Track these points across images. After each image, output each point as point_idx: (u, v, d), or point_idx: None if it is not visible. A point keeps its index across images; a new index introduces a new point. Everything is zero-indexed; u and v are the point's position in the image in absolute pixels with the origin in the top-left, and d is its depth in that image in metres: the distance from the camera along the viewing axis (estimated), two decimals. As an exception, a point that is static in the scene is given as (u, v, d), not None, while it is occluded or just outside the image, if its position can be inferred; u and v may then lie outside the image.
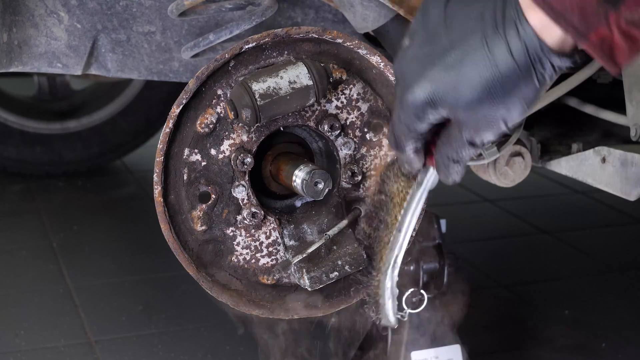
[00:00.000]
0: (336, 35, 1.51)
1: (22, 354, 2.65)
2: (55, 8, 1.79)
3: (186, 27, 1.86)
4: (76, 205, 3.95)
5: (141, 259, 3.34)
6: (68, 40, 1.81)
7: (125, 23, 1.82)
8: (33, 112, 4.25)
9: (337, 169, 1.55)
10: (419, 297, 2.05)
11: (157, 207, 1.49)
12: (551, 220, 3.73)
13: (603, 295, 3.09)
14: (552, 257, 3.43)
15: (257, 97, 1.42)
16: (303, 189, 1.47)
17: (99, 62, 1.85)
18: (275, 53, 1.51)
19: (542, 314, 2.92)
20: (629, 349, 2.72)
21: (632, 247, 3.53)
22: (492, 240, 3.56)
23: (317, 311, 1.58)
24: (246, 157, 1.49)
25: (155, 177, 1.48)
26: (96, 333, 2.77)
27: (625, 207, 3.79)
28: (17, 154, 4.16)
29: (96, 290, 3.08)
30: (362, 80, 1.54)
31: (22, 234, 3.62)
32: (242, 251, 1.53)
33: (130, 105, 4.24)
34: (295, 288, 1.57)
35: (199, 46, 1.73)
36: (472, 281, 2.33)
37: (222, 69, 1.48)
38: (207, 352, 2.66)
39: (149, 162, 1.74)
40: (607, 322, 2.87)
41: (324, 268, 1.47)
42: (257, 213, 1.51)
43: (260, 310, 1.55)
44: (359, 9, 1.73)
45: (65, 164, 4.23)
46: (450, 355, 2.09)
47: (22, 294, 3.06)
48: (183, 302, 2.95)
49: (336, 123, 1.52)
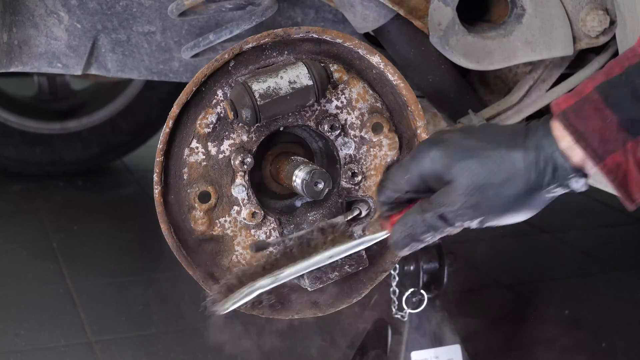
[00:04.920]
0: (336, 35, 1.50)
1: (22, 354, 2.65)
2: (55, 8, 1.79)
3: (186, 27, 1.86)
4: (76, 205, 3.95)
5: (141, 259, 3.34)
6: (68, 40, 1.81)
7: (125, 23, 1.82)
8: (33, 112, 4.25)
9: (337, 169, 1.55)
10: (419, 297, 2.05)
11: (157, 207, 1.49)
12: (551, 220, 3.73)
13: (603, 295, 3.08)
14: (552, 257, 3.43)
15: (257, 97, 1.42)
16: (303, 189, 1.47)
17: (99, 62, 1.85)
18: (275, 53, 1.51)
19: (542, 314, 2.91)
20: (629, 349, 2.72)
21: (632, 247, 3.52)
22: (492, 240, 3.56)
23: (317, 311, 1.58)
24: (246, 157, 1.49)
25: (155, 177, 1.47)
26: (96, 333, 2.77)
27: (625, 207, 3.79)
28: (17, 154, 4.16)
29: (96, 290, 3.08)
30: (362, 80, 1.54)
31: (22, 234, 3.62)
32: (242, 251, 1.53)
33: (130, 105, 4.24)
34: (295, 288, 1.57)
35: (199, 46, 1.73)
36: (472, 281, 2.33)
37: (222, 69, 1.48)
38: (208, 352, 2.66)
39: (149, 162, 1.74)
40: (607, 322, 2.86)
41: (324, 268, 1.47)
42: (257, 213, 1.51)
43: (261, 310, 1.55)
44: (359, 9, 1.73)
45: (65, 164, 4.22)
46: (450, 355, 2.09)
47: (22, 294, 3.06)
48: (183, 302, 2.95)
49: (336, 123, 1.52)
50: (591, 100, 1.17)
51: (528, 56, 1.78)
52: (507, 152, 1.20)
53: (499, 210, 1.22)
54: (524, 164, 1.19)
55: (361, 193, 1.56)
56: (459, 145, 1.24)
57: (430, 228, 1.26)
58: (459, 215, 1.23)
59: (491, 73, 2.00)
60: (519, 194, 1.20)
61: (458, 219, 1.24)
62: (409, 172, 1.28)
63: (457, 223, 1.24)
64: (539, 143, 1.19)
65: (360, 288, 1.60)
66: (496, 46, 1.76)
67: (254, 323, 2.03)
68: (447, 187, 1.23)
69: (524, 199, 1.21)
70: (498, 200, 1.21)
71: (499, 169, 1.20)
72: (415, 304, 2.05)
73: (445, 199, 1.23)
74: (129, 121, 4.25)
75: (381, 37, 1.81)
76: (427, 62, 1.81)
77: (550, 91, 1.88)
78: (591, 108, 1.16)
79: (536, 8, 1.75)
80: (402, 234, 1.28)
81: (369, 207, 1.55)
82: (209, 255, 1.53)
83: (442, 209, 1.23)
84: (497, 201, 1.21)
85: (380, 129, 1.55)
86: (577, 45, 1.79)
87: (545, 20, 1.76)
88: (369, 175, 1.56)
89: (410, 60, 1.80)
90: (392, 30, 1.78)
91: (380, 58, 1.53)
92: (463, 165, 1.22)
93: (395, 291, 2.06)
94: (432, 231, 1.26)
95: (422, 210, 1.26)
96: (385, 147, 1.56)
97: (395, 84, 1.55)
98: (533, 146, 1.19)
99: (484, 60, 1.76)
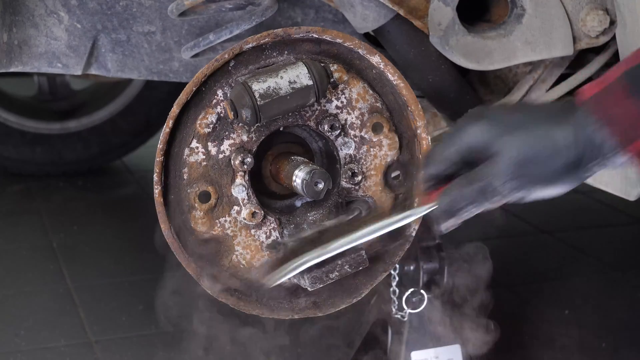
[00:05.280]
0: (336, 35, 1.51)
1: (22, 354, 2.65)
2: (55, 8, 1.79)
3: (186, 27, 1.86)
4: (76, 205, 3.94)
5: (141, 259, 3.34)
6: (68, 40, 1.81)
7: (125, 23, 1.82)
8: (33, 112, 4.25)
9: (337, 169, 1.55)
10: (419, 297, 2.05)
11: (157, 207, 1.49)
12: (551, 220, 3.73)
13: (603, 295, 3.08)
14: (552, 257, 3.43)
15: (257, 97, 1.42)
16: (303, 189, 1.47)
17: (99, 62, 1.85)
18: (275, 53, 1.51)
19: (542, 314, 2.91)
20: (629, 349, 2.72)
21: (632, 247, 3.52)
22: (492, 240, 3.56)
23: (317, 311, 1.58)
24: (246, 157, 1.49)
25: (155, 177, 1.48)
26: (96, 333, 2.77)
27: (625, 207, 3.79)
28: (17, 154, 4.16)
29: (96, 290, 3.08)
30: (362, 80, 1.54)
31: (22, 234, 3.62)
32: (242, 251, 1.53)
33: (130, 105, 4.23)
34: (295, 288, 1.57)
35: (199, 46, 1.73)
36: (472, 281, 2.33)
37: (222, 69, 1.48)
38: (208, 352, 2.65)
39: (149, 162, 1.74)
40: (607, 322, 2.86)
41: (324, 268, 1.47)
42: (257, 213, 1.51)
43: (261, 310, 1.55)
44: (359, 9, 1.73)
45: (65, 164, 4.22)
46: (450, 355, 2.09)
47: (22, 294, 3.06)
48: (183, 302, 2.95)
49: (336, 123, 1.52)
50: (619, 86, 1.21)
51: (528, 56, 1.78)
52: (550, 128, 1.24)
53: (542, 183, 1.26)
54: (565, 141, 1.23)
55: (361, 193, 1.56)
56: (503, 119, 1.28)
57: (474, 200, 1.28)
58: (504, 187, 1.25)
59: (491, 73, 2.00)
60: (561, 169, 1.24)
61: (503, 190, 1.26)
62: (455, 145, 1.30)
63: (501, 195, 1.27)
64: (580, 121, 1.23)
65: (360, 288, 1.60)
66: (496, 46, 1.76)
67: (254, 323, 2.03)
68: (493, 159, 1.26)
69: (565, 173, 1.25)
70: (541, 174, 1.25)
71: (543, 145, 1.24)
72: (415, 304, 2.05)
73: (491, 169, 1.26)
74: (129, 121, 4.25)
75: (381, 37, 1.81)
76: (427, 62, 1.81)
77: (550, 91, 1.88)
78: (619, 93, 1.21)
79: (536, 8, 1.75)
80: (446, 205, 1.30)
81: (369, 207, 1.55)
82: (209, 255, 1.53)
83: (488, 179, 1.26)
84: (541, 174, 1.25)
85: (380, 129, 1.55)
86: (577, 45, 1.79)
87: (545, 20, 1.76)
88: (369, 175, 1.56)
89: (410, 60, 1.80)
90: (392, 30, 1.78)
91: (380, 58, 1.53)
92: (508, 138, 1.25)
93: (395, 291, 2.05)
94: (476, 203, 1.28)
95: (467, 181, 1.28)
96: (385, 147, 1.56)
97: (395, 84, 1.55)
98: (574, 124, 1.23)
99: (484, 60, 1.76)
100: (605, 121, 1.21)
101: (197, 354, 2.32)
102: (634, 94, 1.19)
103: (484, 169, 1.27)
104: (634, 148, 1.21)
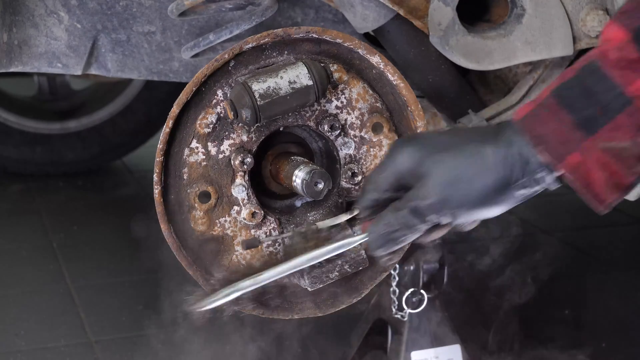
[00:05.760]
0: (336, 35, 1.51)
1: (22, 354, 2.65)
2: (55, 8, 1.79)
3: (186, 27, 1.86)
4: (76, 205, 3.94)
5: (141, 259, 3.33)
6: (68, 40, 1.81)
7: (125, 23, 1.82)
8: (33, 112, 4.24)
9: (337, 169, 1.55)
10: (419, 297, 2.05)
11: (157, 207, 1.49)
12: (551, 220, 3.73)
13: (603, 295, 3.08)
14: (552, 257, 3.43)
15: (257, 97, 1.42)
16: (303, 189, 1.47)
17: (99, 62, 1.85)
18: (275, 53, 1.51)
19: (542, 314, 2.91)
20: (629, 349, 2.72)
21: (632, 247, 3.52)
22: (492, 240, 3.55)
23: (317, 311, 1.58)
24: (246, 157, 1.49)
25: (155, 177, 1.48)
26: (96, 333, 2.77)
27: (625, 207, 3.79)
28: (17, 154, 4.15)
29: (96, 290, 3.08)
30: (362, 80, 1.54)
31: (22, 234, 3.62)
32: (242, 251, 1.53)
33: (130, 105, 4.23)
34: (295, 288, 1.57)
35: (199, 46, 1.73)
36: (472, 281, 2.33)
37: (222, 69, 1.48)
38: (208, 352, 2.65)
39: (149, 162, 1.74)
40: (607, 322, 2.86)
41: (324, 268, 1.47)
42: (257, 213, 1.51)
43: (261, 310, 1.55)
44: (359, 9, 1.73)
45: (65, 164, 4.22)
46: (450, 355, 2.09)
47: (22, 294, 3.05)
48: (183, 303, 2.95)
49: (336, 123, 1.52)
50: (547, 104, 1.19)
51: (528, 56, 1.78)
52: (478, 146, 1.22)
53: (470, 204, 1.23)
54: (494, 158, 1.21)
55: (361, 193, 1.56)
56: (432, 141, 1.27)
57: (403, 225, 1.26)
58: (431, 209, 1.24)
59: (491, 73, 2.00)
60: (490, 189, 1.21)
61: (430, 213, 1.24)
62: (385, 171, 1.29)
63: (428, 217, 1.25)
64: (508, 139, 1.21)
65: (360, 288, 1.60)
66: (496, 46, 1.76)
67: (254, 323, 2.03)
68: (421, 181, 1.24)
69: (494, 193, 1.22)
70: (469, 194, 1.22)
71: (470, 163, 1.22)
72: (415, 304, 2.05)
73: (419, 191, 1.24)
74: (129, 121, 4.25)
75: (381, 37, 1.81)
76: (427, 62, 1.81)
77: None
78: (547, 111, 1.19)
79: (536, 8, 1.75)
80: (376, 234, 1.29)
81: (369, 207, 1.55)
82: (209, 255, 1.53)
83: (414, 203, 1.24)
84: (469, 195, 1.22)
85: (380, 129, 1.55)
86: (577, 45, 1.79)
87: (545, 20, 1.76)
88: (369, 175, 1.56)
89: (410, 60, 1.80)
90: (392, 30, 1.78)
91: (380, 58, 1.53)
92: (435, 158, 1.24)
93: (395, 291, 2.05)
94: (406, 229, 1.26)
95: (395, 208, 1.27)
96: (385, 147, 1.56)
97: (395, 84, 1.55)
98: (503, 142, 1.21)
99: (484, 60, 1.76)
100: (533, 139, 1.19)
101: (197, 354, 2.32)
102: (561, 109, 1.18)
103: (413, 191, 1.25)
104: (565, 165, 1.18)
